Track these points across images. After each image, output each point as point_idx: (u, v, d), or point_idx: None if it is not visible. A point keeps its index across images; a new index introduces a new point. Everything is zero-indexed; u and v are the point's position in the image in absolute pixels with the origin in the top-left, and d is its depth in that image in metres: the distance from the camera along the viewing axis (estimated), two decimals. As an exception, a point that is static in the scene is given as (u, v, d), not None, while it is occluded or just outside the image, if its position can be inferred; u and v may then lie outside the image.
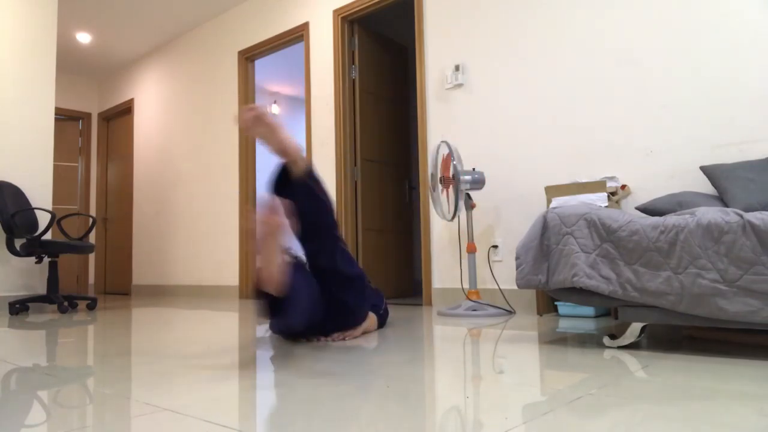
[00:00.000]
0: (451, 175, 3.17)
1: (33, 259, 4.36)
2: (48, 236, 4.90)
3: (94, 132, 7.27)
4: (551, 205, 2.84)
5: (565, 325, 2.51)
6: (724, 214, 1.61)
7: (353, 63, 4.42)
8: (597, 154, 3.05)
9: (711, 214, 1.64)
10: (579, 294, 1.84)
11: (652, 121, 2.87)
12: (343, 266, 2.02)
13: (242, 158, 5.15)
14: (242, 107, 1.99)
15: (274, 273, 1.70)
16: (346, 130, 4.33)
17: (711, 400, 1.12)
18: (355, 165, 4.36)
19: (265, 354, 1.83)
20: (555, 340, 2.04)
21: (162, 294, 6.00)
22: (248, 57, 5.21)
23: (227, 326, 2.72)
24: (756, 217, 1.56)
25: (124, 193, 6.81)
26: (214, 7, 5.37)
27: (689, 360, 1.57)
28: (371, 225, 4.41)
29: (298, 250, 2.05)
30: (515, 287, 3.24)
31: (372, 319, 2.32)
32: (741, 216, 1.58)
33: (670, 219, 1.69)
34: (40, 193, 4.45)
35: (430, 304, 3.71)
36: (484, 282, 3.44)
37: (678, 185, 2.77)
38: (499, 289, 3.27)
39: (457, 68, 3.65)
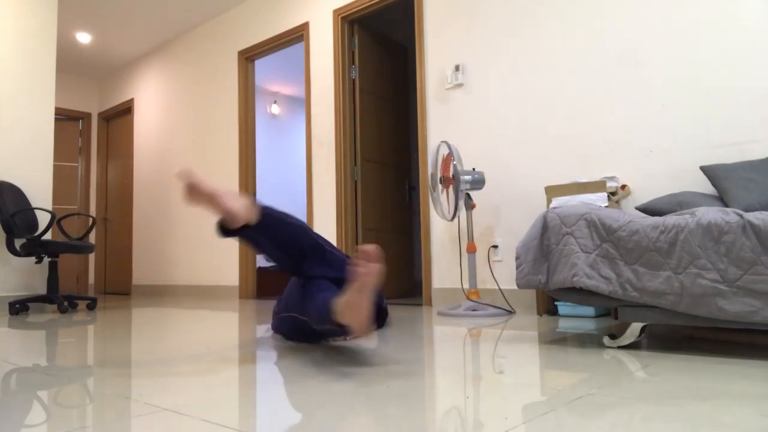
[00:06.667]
0: (451, 175, 3.17)
1: (33, 259, 4.36)
2: (48, 236, 4.90)
3: (94, 132, 7.27)
4: (551, 205, 2.84)
5: (565, 325, 2.51)
6: (724, 214, 1.61)
7: (353, 63, 4.42)
8: (597, 154, 3.05)
9: (711, 214, 1.64)
10: (579, 294, 1.84)
11: (652, 121, 2.87)
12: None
13: (242, 158, 5.15)
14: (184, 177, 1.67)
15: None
16: (346, 130, 4.33)
17: (711, 400, 1.12)
18: (355, 165, 4.36)
19: (265, 354, 1.83)
20: (555, 340, 2.04)
21: (162, 294, 6.00)
22: (248, 57, 5.21)
23: (227, 326, 2.72)
24: (756, 217, 1.56)
25: (124, 193, 6.81)
26: (214, 7, 5.36)
27: (689, 360, 1.57)
28: (371, 225, 4.41)
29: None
30: (515, 287, 3.24)
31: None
32: (741, 216, 1.58)
33: (670, 219, 1.69)
34: (40, 193, 4.45)
35: (430, 304, 3.71)
36: (484, 282, 3.44)
37: (678, 185, 2.77)
38: (499, 289, 3.27)
39: (457, 68, 3.65)
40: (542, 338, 2.08)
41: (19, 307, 3.94)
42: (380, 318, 2.45)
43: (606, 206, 2.63)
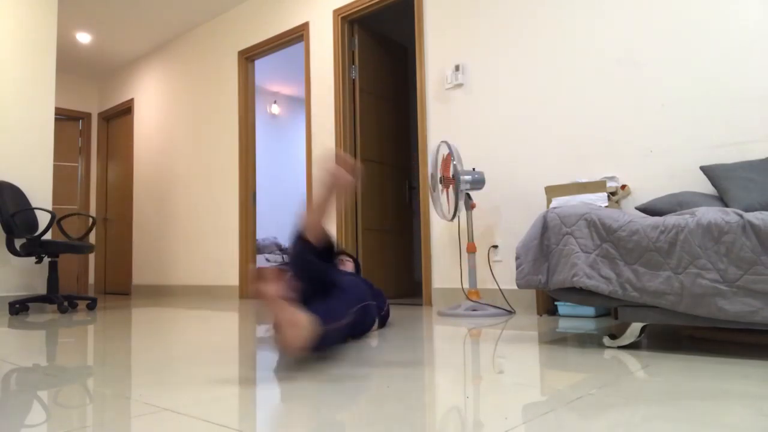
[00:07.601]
0: (451, 175, 3.17)
1: (33, 259, 4.36)
2: (48, 236, 4.90)
3: (94, 132, 7.27)
4: (551, 205, 2.84)
5: (565, 325, 2.51)
6: (724, 214, 1.61)
7: (353, 63, 4.42)
8: (597, 154, 3.05)
9: (711, 214, 1.64)
10: (579, 294, 1.84)
11: (652, 121, 2.87)
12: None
13: (242, 158, 5.15)
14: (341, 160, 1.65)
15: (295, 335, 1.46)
16: (346, 130, 4.33)
17: (711, 400, 1.12)
18: (355, 165, 4.36)
19: (265, 354, 1.83)
20: (555, 340, 2.04)
21: (162, 294, 6.00)
22: (248, 57, 5.21)
23: (227, 326, 2.72)
24: (756, 217, 1.56)
25: (124, 193, 6.80)
26: (214, 7, 5.36)
27: (689, 360, 1.57)
28: (371, 225, 4.41)
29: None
30: (515, 287, 3.24)
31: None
32: (741, 216, 1.58)
33: (670, 219, 1.69)
34: (40, 193, 4.45)
35: (430, 304, 3.71)
36: (484, 282, 3.44)
37: (678, 185, 2.77)
38: (499, 289, 3.27)
39: (457, 68, 3.65)
40: (542, 338, 2.08)
41: (19, 307, 3.94)
42: (382, 319, 2.45)
43: (606, 206, 2.63)
